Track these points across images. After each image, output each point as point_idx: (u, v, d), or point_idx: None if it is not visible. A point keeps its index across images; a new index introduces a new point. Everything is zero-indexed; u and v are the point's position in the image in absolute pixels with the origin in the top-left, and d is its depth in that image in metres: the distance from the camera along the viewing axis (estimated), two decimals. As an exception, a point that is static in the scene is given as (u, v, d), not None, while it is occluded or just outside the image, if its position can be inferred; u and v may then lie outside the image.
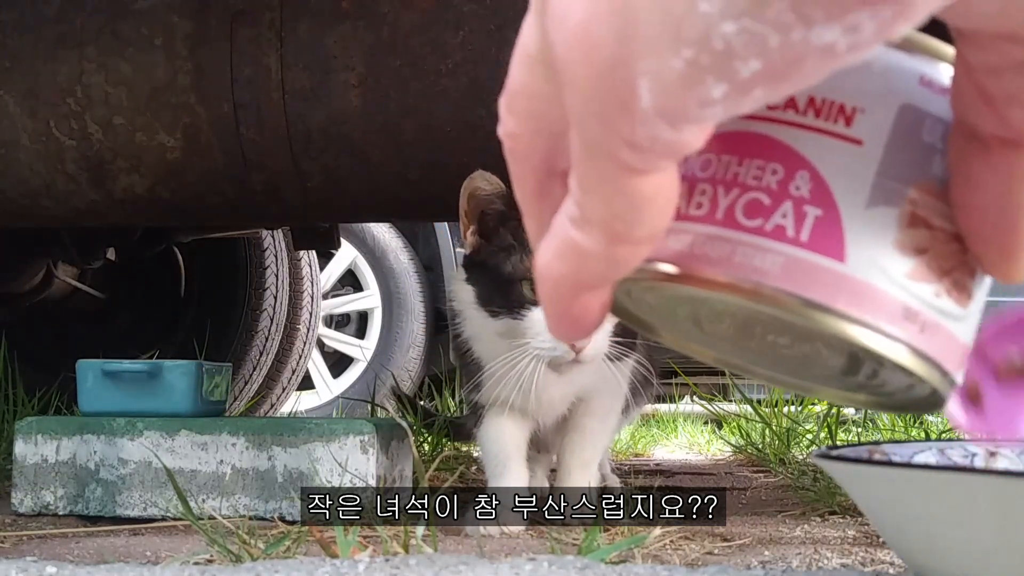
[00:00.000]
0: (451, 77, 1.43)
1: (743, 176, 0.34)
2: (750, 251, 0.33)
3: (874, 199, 0.33)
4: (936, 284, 0.35)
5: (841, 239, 0.33)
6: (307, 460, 1.26)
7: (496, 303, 1.14)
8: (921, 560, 0.58)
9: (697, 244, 0.33)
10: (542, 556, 0.69)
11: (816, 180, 0.33)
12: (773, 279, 0.33)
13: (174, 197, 1.56)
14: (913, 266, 0.34)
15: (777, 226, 0.33)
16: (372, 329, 3.96)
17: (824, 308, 0.33)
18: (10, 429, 1.64)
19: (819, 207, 0.33)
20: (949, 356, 0.36)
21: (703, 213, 0.33)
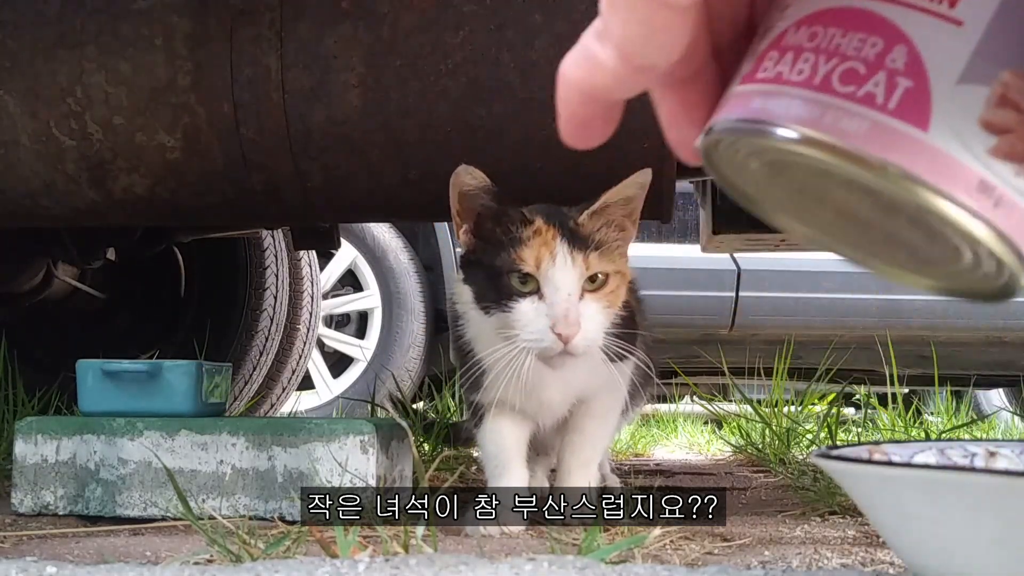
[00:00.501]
0: (451, 77, 1.43)
1: (844, 47, 0.36)
2: (839, 114, 0.35)
3: (966, 76, 0.35)
4: (1018, 164, 0.36)
5: (927, 110, 0.35)
6: (307, 460, 1.26)
7: (488, 298, 1.14)
8: (921, 560, 0.58)
9: (792, 106, 0.36)
10: (542, 556, 0.69)
11: (912, 54, 0.36)
12: (855, 139, 0.35)
13: (174, 197, 1.56)
14: (996, 144, 0.36)
15: (868, 93, 0.36)
16: (372, 329, 3.96)
17: (900, 170, 0.35)
18: (10, 429, 1.64)
19: (911, 79, 0.36)
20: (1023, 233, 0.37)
21: (803, 78, 0.36)
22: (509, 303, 1.11)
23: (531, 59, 1.42)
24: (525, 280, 1.11)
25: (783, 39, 0.38)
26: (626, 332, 1.29)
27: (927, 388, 5.13)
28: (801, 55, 0.37)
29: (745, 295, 4.01)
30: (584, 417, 1.28)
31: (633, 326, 1.36)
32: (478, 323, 1.20)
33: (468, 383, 1.27)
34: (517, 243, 1.12)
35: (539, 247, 1.10)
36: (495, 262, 1.13)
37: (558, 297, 1.09)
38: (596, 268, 1.12)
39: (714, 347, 3.49)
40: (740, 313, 4.02)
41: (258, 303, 2.69)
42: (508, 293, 1.11)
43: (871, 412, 3.02)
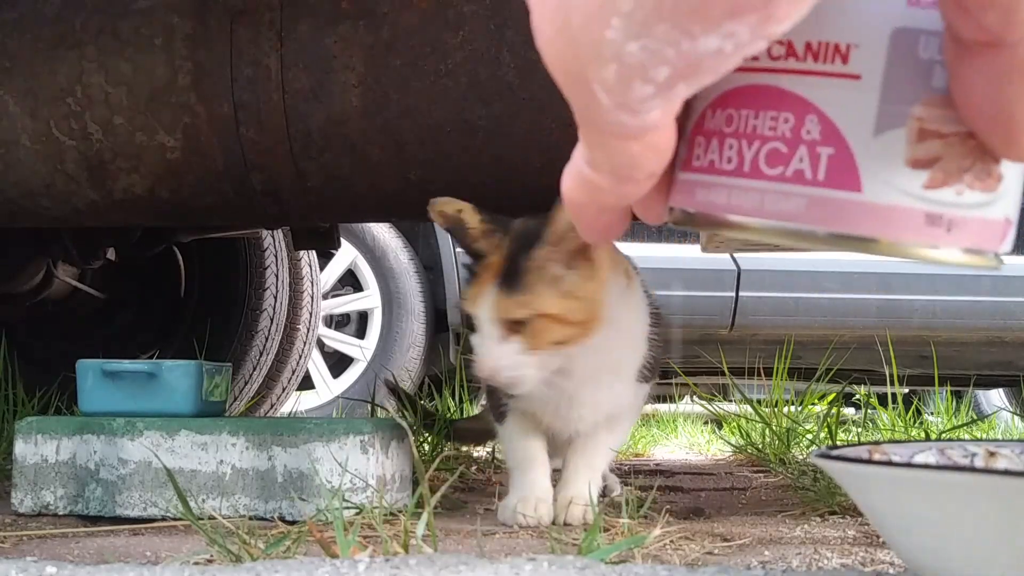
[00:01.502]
0: (451, 77, 1.43)
1: (760, 128, 0.37)
2: (777, 197, 0.37)
3: (880, 126, 0.36)
4: (956, 184, 0.37)
5: (855, 171, 0.36)
6: (307, 460, 1.26)
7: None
8: (921, 560, 0.58)
9: (733, 196, 0.38)
10: (542, 556, 0.69)
11: (824, 121, 0.37)
12: (800, 220, 0.37)
13: (174, 197, 1.56)
14: (929, 176, 0.37)
15: (796, 171, 0.37)
16: (372, 329, 3.96)
17: (850, 236, 0.37)
18: (10, 429, 1.64)
19: (831, 146, 0.37)
20: (986, 238, 0.38)
21: (733, 167, 0.38)
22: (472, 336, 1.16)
23: (531, 59, 1.42)
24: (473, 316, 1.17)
25: (703, 123, 0.39)
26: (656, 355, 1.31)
27: (927, 388, 5.13)
28: (724, 142, 0.38)
29: (745, 295, 4.01)
30: (599, 428, 1.30)
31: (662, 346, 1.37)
32: None
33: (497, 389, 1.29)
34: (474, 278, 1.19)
35: (479, 284, 1.17)
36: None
37: (482, 338, 1.16)
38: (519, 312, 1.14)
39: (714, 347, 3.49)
40: (740, 313, 4.02)
41: (258, 303, 2.69)
42: (471, 327, 1.17)
43: (871, 412, 3.02)
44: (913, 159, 0.37)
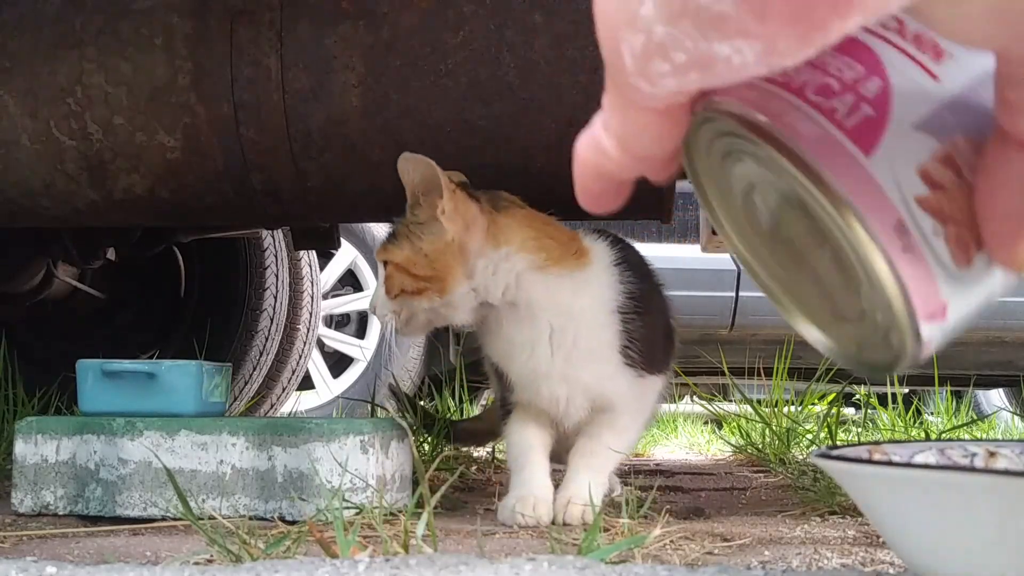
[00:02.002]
0: (451, 77, 1.43)
1: (830, 65, 0.39)
2: (799, 115, 0.38)
3: (924, 125, 0.38)
4: (937, 222, 0.39)
5: (877, 140, 0.38)
6: (307, 460, 1.26)
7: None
8: (921, 560, 0.58)
9: (764, 98, 0.39)
10: (542, 556, 0.69)
11: (884, 89, 0.39)
12: (802, 141, 0.38)
13: (174, 197, 1.56)
14: (926, 194, 0.39)
15: (832, 107, 0.38)
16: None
17: (827, 183, 0.38)
18: (10, 429, 1.64)
19: (874, 109, 0.38)
20: (921, 293, 0.39)
21: (784, 80, 0.39)
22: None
23: (531, 59, 1.42)
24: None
25: None
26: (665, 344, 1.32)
27: (927, 388, 5.13)
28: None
29: (745, 295, 4.01)
30: (601, 426, 1.30)
31: (671, 345, 1.38)
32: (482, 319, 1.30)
33: (501, 383, 1.34)
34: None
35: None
36: None
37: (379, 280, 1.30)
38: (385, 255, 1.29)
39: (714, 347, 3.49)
40: (740, 313, 4.02)
41: (258, 303, 2.69)
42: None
43: (871, 412, 3.02)
44: (926, 170, 0.38)
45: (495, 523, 1.25)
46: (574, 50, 1.42)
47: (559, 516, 1.24)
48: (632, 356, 1.27)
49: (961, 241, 0.39)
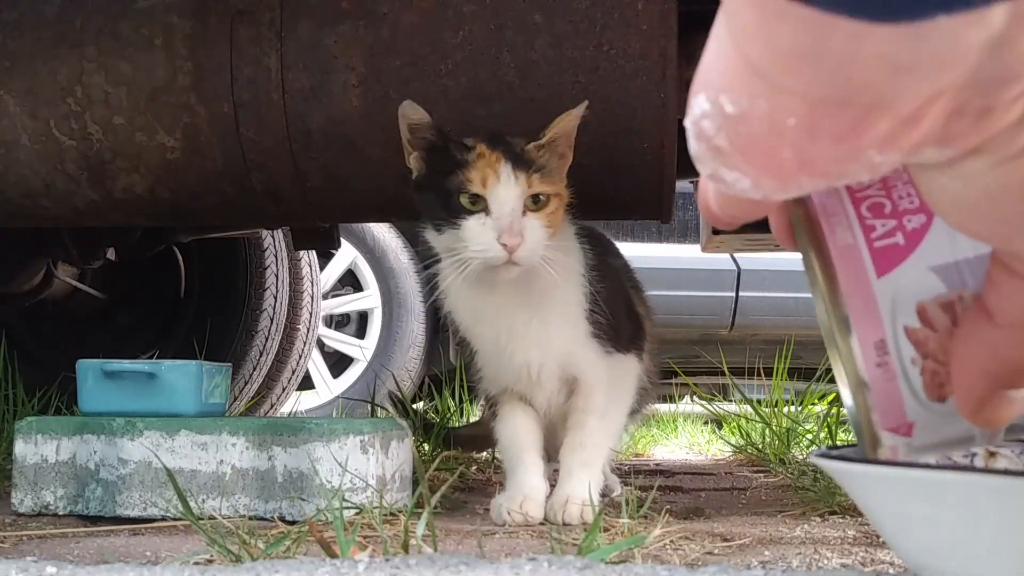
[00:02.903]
0: (451, 77, 1.43)
1: (896, 189, 0.44)
2: (844, 221, 0.44)
3: (939, 270, 0.43)
4: (918, 354, 0.43)
5: (893, 267, 0.43)
6: (307, 460, 1.26)
7: (439, 217, 1.21)
8: (921, 560, 0.58)
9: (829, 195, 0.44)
10: (542, 556, 0.69)
11: (923, 228, 0.43)
12: (830, 243, 0.44)
13: (174, 197, 1.56)
14: (916, 328, 0.43)
15: (872, 226, 0.44)
16: (372, 329, 3.96)
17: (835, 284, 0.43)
18: (10, 429, 1.64)
19: (905, 240, 0.43)
20: (884, 404, 0.44)
21: (855, 186, 0.44)
22: (458, 220, 1.19)
23: (531, 59, 1.42)
24: (475, 200, 1.19)
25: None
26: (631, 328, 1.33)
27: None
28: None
29: (745, 295, 4.01)
30: (583, 413, 1.30)
31: (640, 330, 1.39)
32: (447, 277, 1.26)
33: (473, 373, 1.35)
34: (464, 166, 1.20)
35: (484, 168, 1.19)
36: (445, 184, 1.21)
37: (503, 212, 1.18)
38: (537, 188, 1.20)
39: (714, 347, 3.49)
40: (740, 313, 4.02)
41: (258, 303, 2.69)
42: (458, 211, 1.19)
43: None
44: (923, 308, 0.43)
45: (495, 523, 1.25)
46: (574, 50, 1.41)
47: (558, 516, 1.24)
48: (599, 324, 1.29)
49: (936, 378, 0.44)
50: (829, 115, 0.32)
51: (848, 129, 0.32)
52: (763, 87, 0.32)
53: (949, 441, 0.46)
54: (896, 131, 0.32)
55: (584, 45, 1.41)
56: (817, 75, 0.31)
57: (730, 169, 0.35)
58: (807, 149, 0.33)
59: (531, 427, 1.32)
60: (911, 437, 0.45)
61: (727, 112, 0.33)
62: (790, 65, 0.31)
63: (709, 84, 0.34)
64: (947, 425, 0.45)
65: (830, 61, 0.30)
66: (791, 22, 0.29)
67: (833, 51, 0.30)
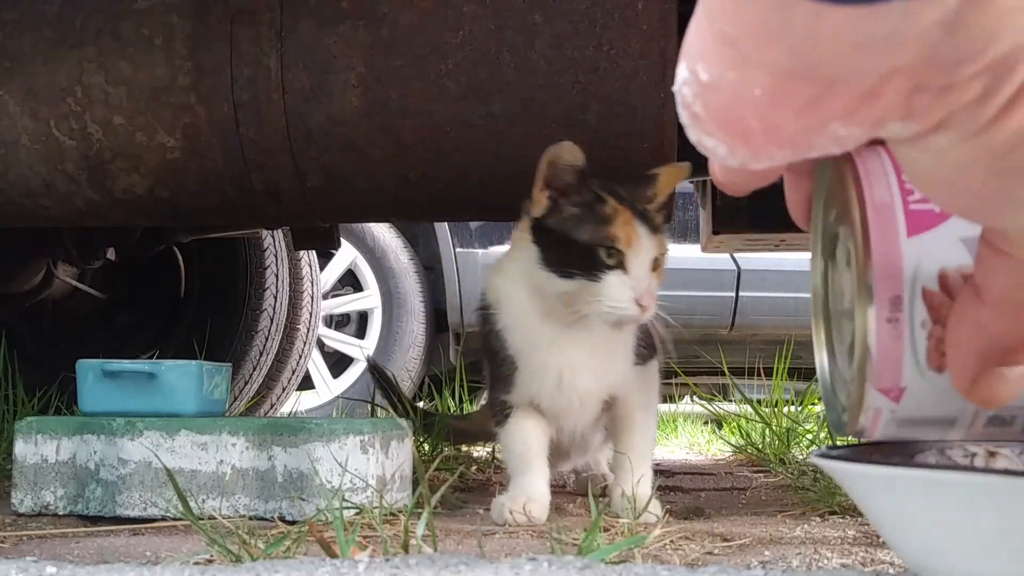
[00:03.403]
0: (451, 77, 1.43)
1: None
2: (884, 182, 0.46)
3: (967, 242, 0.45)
4: (929, 318, 0.45)
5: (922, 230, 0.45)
6: (307, 460, 1.26)
7: (572, 266, 1.22)
8: (921, 560, 0.58)
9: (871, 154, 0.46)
10: (542, 556, 0.69)
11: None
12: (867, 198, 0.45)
13: (174, 197, 1.56)
14: (934, 291, 0.44)
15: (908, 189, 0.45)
16: (372, 329, 3.96)
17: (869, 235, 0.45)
18: (10, 429, 1.64)
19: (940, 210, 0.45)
20: (884, 359, 0.45)
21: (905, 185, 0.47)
22: (598, 274, 1.20)
23: (531, 59, 1.42)
24: (611, 254, 1.20)
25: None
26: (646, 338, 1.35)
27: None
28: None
29: (745, 295, 4.01)
30: (631, 408, 1.34)
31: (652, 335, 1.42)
32: (518, 302, 1.27)
33: (498, 381, 1.33)
34: (604, 220, 1.22)
35: (625, 226, 1.21)
36: (580, 234, 1.22)
37: (642, 273, 1.20)
38: (661, 250, 1.24)
39: (714, 347, 3.49)
40: (740, 313, 4.02)
41: (258, 303, 2.69)
42: (597, 265, 1.20)
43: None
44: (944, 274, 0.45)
45: (495, 523, 1.25)
46: (574, 50, 1.42)
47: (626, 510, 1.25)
48: (642, 350, 1.33)
49: (940, 346, 0.45)
50: (792, 88, 0.33)
51: (809, 102, 0.34)
52: (733, 58, 0.34)
53: (932, 420, 0.46)
54: (856, 105, 0.34)
55: (584, 45, 1.41)
56: (781, 50, 0.32)
57: (708, 136, 0.37)
58: (772, 119, 0.35)
59: (542, 435, 1.33)
60: (898, 404, 0.45)
61: (702, 80, 0.35)
62: (757, 39, 0.33)
63: (689, 54, 0.36)
64: (937, 401, 0.45)
65: (792, 37, 0.32)
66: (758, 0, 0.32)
67: (795, 28, 0.31)
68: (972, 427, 0.47)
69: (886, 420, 0.45)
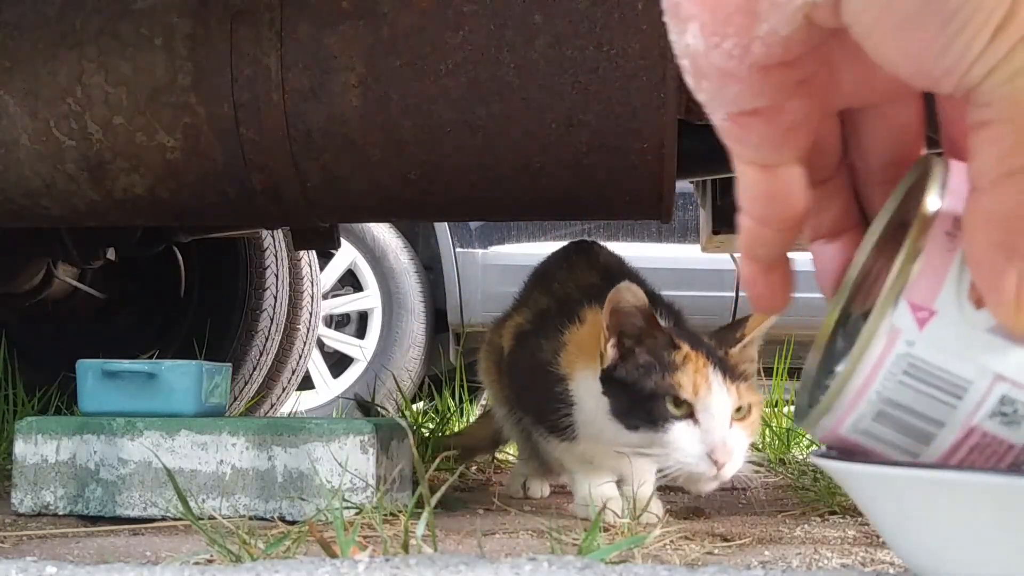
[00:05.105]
0: (451, 77, 1.43)
1: None
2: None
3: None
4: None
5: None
6: (307, 460, 1.26)
7: (637, 417, 1.16)
8: (921, 560, 0.58)
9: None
10: (542, 556, 0.69)
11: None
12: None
13: (174, 197, 1.56)
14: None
15: None
16: (372, 329, 3.96)
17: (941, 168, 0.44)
18: (10, 429, 1.64)
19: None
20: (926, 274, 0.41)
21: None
22: (664, 424, 1.13)
23: (531, 59, 1.42)
24: (679, 404, 1.14)
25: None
26: None
27: (927, 388, 5.12)
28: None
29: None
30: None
31: None
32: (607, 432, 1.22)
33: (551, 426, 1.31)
34: (671, 368, 1.14)
35: (694, 374, 1.13)
36: (646, 384, 1.15)
37: (715, 424, 1.12)
38: (745, 399, 1.15)
39: (714, 347, 3.48)
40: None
41: (258, 303, 2.69)
42: (662, 416, 1.14)
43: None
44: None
45: (495, 523, 1.25)
46: (574, 50, 1.41)
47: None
48: None
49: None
50: None
51: None
52: None
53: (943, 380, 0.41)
54: None
55: (584, 45, 1.41)
56: None
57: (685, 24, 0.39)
58: None
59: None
60: (920, 333, 0.41)
61: None
62: None
63: None
64: (960, 349, 0.41)
65: None
66: None
67: None
68: (980, 408, 0.42)
69: (898, 355, 0.41)
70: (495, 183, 1.50)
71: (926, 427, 0.42)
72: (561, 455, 1.35)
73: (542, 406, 1.33)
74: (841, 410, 0.43)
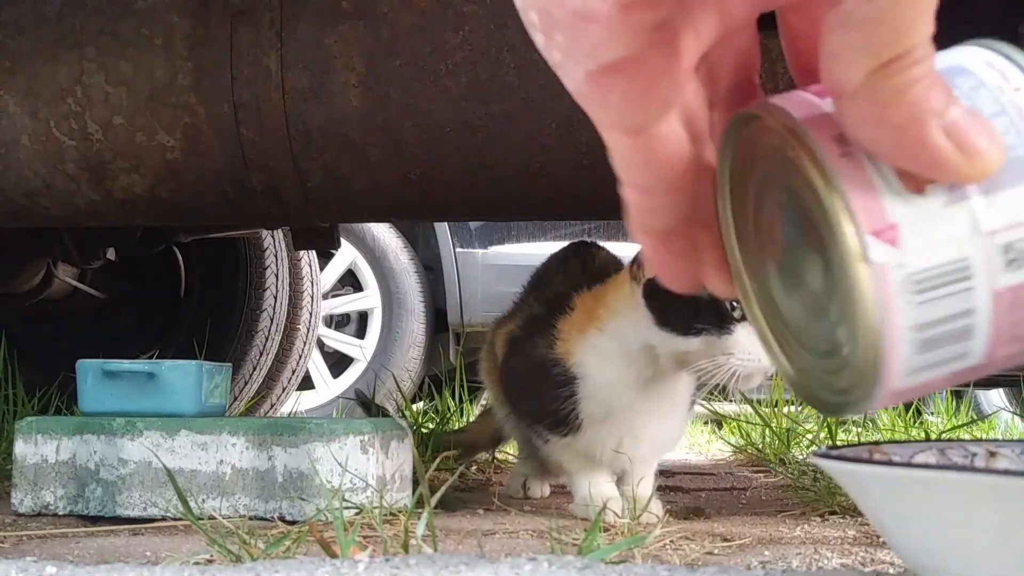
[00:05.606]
0: (451, 77, 1.43)
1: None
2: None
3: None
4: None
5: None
6: (307, 460, 1.26)
7: (701, 320, 1.19)
8: (921, 560, 0.58)
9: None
10: (542, 556, 0.69)
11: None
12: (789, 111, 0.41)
13: (174, 197, 1.56)
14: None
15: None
16: (372, 329, 3.96)
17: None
18: (10, 429, 1.64)
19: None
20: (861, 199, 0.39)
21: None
22: (730, 326, 1.18)
23: (531, 59, 1.42)
24: (735, 307, 1.18)
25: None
26: None
27: (927, 388, 5.11)
28: None
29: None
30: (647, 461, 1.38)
31: None
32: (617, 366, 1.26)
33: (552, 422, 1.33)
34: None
35: None
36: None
37: None
38: None
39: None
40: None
41: (258, 303, 2.69)
42: (727, 318, 1.18)
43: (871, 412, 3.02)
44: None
45: (495, 523, 1.25)
46: (574, 50, 1.41)
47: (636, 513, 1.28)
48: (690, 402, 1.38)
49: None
50: None
51: None
52: None
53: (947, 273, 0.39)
54: None
55: (584, 45, 1.41)
56: None
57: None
58: None
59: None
60: (897, 247, 0.39)
61: None
62: None
63: None
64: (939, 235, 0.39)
65: None
66: None
67: None
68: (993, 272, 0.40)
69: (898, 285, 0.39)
70: (495, 183, 1.50)
71: (962, 322, 0.39)
72: (561, 454, 1.35)
73: (541, 402, 1.34)
74: (889, 370, 0.40)
